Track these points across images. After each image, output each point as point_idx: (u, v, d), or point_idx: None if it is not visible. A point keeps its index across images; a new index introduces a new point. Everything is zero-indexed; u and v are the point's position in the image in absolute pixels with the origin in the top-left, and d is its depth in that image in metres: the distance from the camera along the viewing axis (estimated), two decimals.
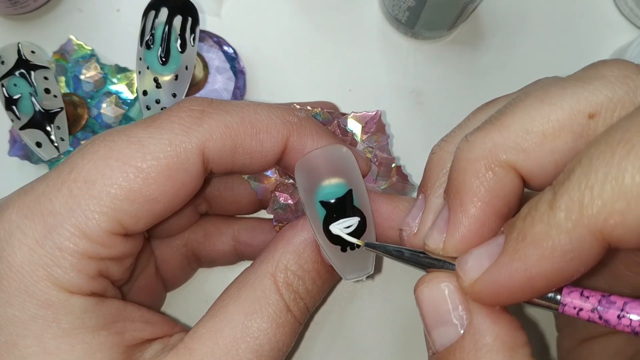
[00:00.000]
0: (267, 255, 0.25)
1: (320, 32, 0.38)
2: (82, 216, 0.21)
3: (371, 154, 0.29)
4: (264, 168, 0.25)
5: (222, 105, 0.24)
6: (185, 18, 0.31)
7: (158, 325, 0.25)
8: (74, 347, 0.21)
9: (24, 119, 0.31)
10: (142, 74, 0.31)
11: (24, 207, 0.22)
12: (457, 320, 0.19)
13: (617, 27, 0.38)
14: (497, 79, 0.37)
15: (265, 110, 0.24)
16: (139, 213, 0.22)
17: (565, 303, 0.19)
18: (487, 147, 0.19)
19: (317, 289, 0.25)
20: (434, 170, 0.22)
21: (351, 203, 0.24)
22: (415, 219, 0.23)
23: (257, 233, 0.31)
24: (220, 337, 0.23)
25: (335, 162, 0.24)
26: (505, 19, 0.38)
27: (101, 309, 0.22)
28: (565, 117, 0.19)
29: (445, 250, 0.20)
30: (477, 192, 0.19)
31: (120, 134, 0.23)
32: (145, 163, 0.22)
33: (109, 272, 0.23)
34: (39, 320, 0.21)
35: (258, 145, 0.24)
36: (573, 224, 0.16)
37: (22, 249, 0.21)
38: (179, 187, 0.23)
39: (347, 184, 0.24)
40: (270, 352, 0.23)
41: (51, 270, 0.21)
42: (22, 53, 0.32)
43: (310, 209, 0.24)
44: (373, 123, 0.29)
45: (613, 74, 0.19)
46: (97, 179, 0.22)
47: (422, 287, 0.20)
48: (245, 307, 0.23)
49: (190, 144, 0.22)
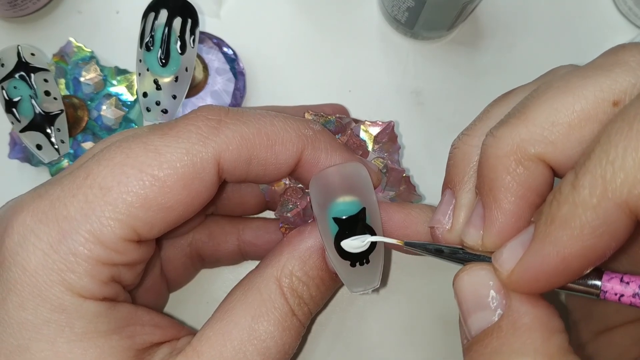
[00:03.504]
0: (272, 259, 0.25)
1: (320, 33, 0.38)
2: (97, 222, 0.21)
3: (382, 163, 0.29)
4: (277, 179, 0.26)
5: (238, 115, 0.24)
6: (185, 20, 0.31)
7: (166, 328, 0.25)
8: (86, 352, 0.21)
9: (24, 121, 0.31)
10: (142, 75, 0.31)
11: (39, 212, 0.22)
12: (495, 304, 0.19)
13: (616, 26, 0.38)
14: (496, 78, 0.37)
15: (282, 122, 0.24)
16: (154, 221, 0.22)
17: (606, 290, 0.19)
18: (515, 142, 0.19)
19: (320, 295, 0.25)
20: (459, 166, 0.22)
21: (364, 221, 0.24)
22: (445, 215, 0.23)
23: (262, 233, 0.31)
24: (228, 339, 0.23)
25: (350, 179, 0.24)
26: (505, 19, 0.38)
27: (113, 313, 0.23)
28: (589, 107, 0.19)
29: (485, 246, 0.21)
30: (510, 187, 0.20)
31: (137, 141, 0.23)
32: (162, 171, 0.22)
33: (121, 277, 0.23)
34: (52, 324, 0.21)
35: (273, 157, 0.24)
36: (598, 199, 0.17)
37: (36, 254, 0.21)
38: (194, 196, 0.23)
39: (361, 202, 0.24)
40: (277, 354, 0.23)
41: (65, 275, 0.21)
42: (22, 55, 0.32)
43: (323, 223, 0.24)
44: (385, 133, 0.29)
45: (635, 59, 0.19)
46: (113, 186, 0.22)
47: (462, 274, 0.21)
48: (252, 311, 0.23)
49: (206, 154, 0.22)
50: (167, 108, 0.31)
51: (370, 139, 0.29)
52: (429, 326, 0.34)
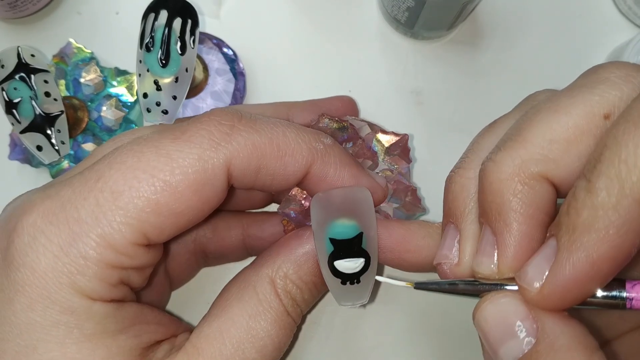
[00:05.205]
0: (268, 259, 0.25)
1: (320, 33, 0.38)
2: (107, 227, 0.21)
3: (392, 173, 0.29)
4: (284, 189, 0.26)
5: (252, 123, 0.24)
6: (185, 20, 0.31)
7: (168, 326, 0.25)
8: (94, 352, 0.22)
9: (24, 122, 0.31)
10: (142, 76, 0.31)
11: (49, 213, 0.22)
12: (526, 331, 0.19)
13: (615, 26, 0.38)
14: (496, 78, 0.37)
15: (294, 134, 0.24)
16: (164, 226, 0.22)
17: (632, 297, 0.19)
18: (517, 164, 0.20)
19: (312, 298, 0.26)
20: (459, 198, 0.22)
21: (359, 245, 0.24)
22: (451, 249, 0.22)
23: (267, 226, 0.31)
24: (227, 337, 0.23)
25: (351, 203, 0.24)
26: (504, 19, 0.38)
27: (121, 313, 0.23)
28: (583, 122, 0.19)
29: (501, 272, 0.20)
30: (519, 208, 0.20)
31: (148, 145, 0.22)
32: (173, 177, 0.22)
33: (129, 280, 0.23)
34: (61, 326, 0.21)
35: (281, 168, 0.24)
36: (617, 198, 0.17)
37: (46, 255, 0.21)
38: (204, 202, 0.23)
39: (360, 226, 0.24)
40: (273, 351, 0.24)
41: (74, 278, 0.21)
42: (21, 57, 0.32)
43: (320, 241, 0.24)
44: (398, 146, 0.29)
45: (615, 74, 0.19)
46: (125, 190, 0.22)
47: (485, 305, 0.20)
48: (249, 309, 0.24)
49: (218, 160, 0.22)
50: (167, 109, 0.31)
51: (382, 150, 0.29)
52: (426, 326, 0.34)
